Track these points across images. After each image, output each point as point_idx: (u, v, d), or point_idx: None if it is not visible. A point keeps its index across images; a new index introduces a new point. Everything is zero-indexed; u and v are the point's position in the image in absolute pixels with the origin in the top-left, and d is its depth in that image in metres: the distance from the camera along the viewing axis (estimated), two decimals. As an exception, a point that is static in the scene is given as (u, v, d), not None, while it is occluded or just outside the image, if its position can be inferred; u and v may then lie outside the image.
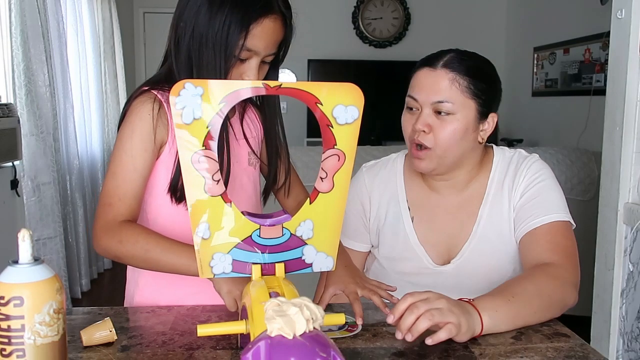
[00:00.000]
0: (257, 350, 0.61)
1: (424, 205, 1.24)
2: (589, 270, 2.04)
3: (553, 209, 1.13)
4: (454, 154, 1.15)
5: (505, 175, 1.20)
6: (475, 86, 1.13)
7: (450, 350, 0.87)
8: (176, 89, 0.71)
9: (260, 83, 0.73)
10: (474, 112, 1.14)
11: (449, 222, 1.22)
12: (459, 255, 1.20)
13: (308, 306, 0.64)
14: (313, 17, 5.37)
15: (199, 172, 0.74)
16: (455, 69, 1.13)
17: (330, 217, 0.80)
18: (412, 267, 1.23)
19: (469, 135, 1.15)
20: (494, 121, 1.18)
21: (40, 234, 2.98)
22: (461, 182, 1.22)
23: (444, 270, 1.21)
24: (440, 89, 1.12)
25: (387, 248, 1.26)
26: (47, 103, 3.04)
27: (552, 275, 1.02)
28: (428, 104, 1.13)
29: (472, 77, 1.13)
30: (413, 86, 1.17)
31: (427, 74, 1.14)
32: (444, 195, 1.24)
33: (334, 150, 0.76)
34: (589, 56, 4.14)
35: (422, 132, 1.14)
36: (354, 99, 0.75)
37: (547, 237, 1.11)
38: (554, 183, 1.18)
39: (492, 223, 1.19)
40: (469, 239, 1.20)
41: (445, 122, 1.12)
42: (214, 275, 0.79)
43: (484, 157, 1.23)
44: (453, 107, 1.12)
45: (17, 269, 0.65)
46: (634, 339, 1.81)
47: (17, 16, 2.76)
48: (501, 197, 1.20)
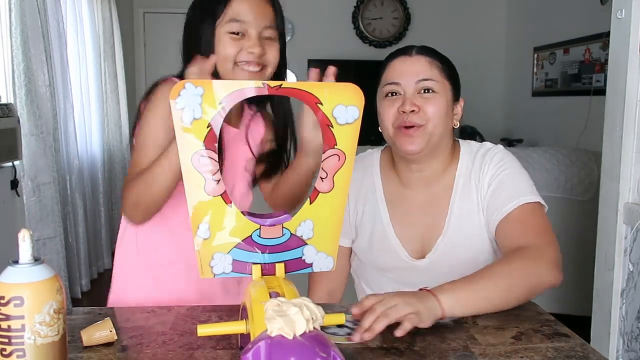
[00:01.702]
0: (257, 350, 0.61)
1: (399, 200, 1.26)
2: (589, 270, 2.05)
3: (520, 193, 1.15)
4: (440, 130, 1.18)
5: (472, 167, 1.22)
6: (448, 70, 1.20)
7: (451, 350, 0.87)
8: (176, 90, 0.71)
9: (261, 83, 0.73)
10: (450, 93, 1.20)
11: (422, 217, 1.24)
12: (434, 250, 1.22)
13: (308, 306, 0.65)
14: (313, 17, 5.38)
15: (200, 172, 0.74)
16: (430, 54, 1.20)
17: (331, 217, 0.80)
18: (389, 260, 1.25)
19: (449, 115, 1.20)
20: (461, 107, 1.24)
21: (40, 234, 2.98)
22: (433, 174, 1.24)
23: (419, 265, 1.22)
24: (421, 70, 1.17)
25: (365, 241, 1.27)
26: (47, 103, 3.04)
27: (525, 256, 1.04)
28: (412, 84, 1.17)
29: (443, 62, 1.20)
30: (391, 74, 1.20)
31: (404, 60, 1.20)
32: (416, 191, 1.25)
33: (334, 150, 0.76)
34: (589, 56, 4.14)
35: (412, 112, 1.16)
36: (354, 99, 0.75)
37: (518, 221, 1.13)
38: (518, 168, 1.20)
39: (463, 216, 1.21)
40: (442, 233, 1.22)
41: (430, 100, 1.17)
42: (214, 275, 0.79)
43: (453, 151, 1.25)
44: (436, 85, 1.17)
45: (17, 269, 0.65)
46: (634, 339, 1.81)
47: (17, 16, 2.76)
48: (469, 190, 1.21)
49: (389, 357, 0.85)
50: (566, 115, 4.40)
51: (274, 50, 1.12)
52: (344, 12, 5.47)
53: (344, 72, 0.97)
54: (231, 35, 1.08)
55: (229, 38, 1.09)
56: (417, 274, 1.22)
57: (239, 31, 1.08)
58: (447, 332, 0.94)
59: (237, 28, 1.08)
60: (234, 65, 1.09)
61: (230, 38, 1.08)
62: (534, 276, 1.02)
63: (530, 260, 1.03)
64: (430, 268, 1.21)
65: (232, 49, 1.08)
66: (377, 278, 1.27)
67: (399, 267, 1.24)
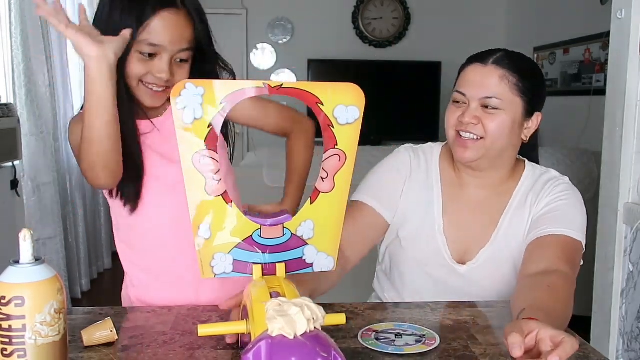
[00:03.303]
0: (258, 350, 0.61)
1: (454, 198, 1.25)
2: (589, 270, 2.04)
3: (569, 226, 1.13)
4: (500, 146, 1.16)
5: (532, 189, 1.21)
6: (524, 84, 1.15)
7: (451, 350, 0.87)
8: (177, 89, 0.71)
9: (262, 83, 0.73)
10: (521, 109, 1.16)
11: (471, 222, 1.23)
12: (475, 260, 1.21)
13: (309, 306, 0.65)
14: (313, 17, 5.37)
15: (200, 172, 0.74)
16: (506, 66, 1.15)
17: (331, 217, 0.80)
18: (428, 254, 1.23)
19: (515, 131, 1.17)
20: (538, 120, 1.20)
21: (40, 234, 2.97)
22: (491, 183, 1.23)
23: (458, 270, 1.21)
24: (489, 85, 1.14)
25: (413, 229, 1.24)
26: (47, 103, 3.04)
27: (573, 283, 1.04)
28: (476, 99, 1.15)
29: (521, 75, 1.15)
30: (462, 82, 1.18)
31: (477, 69, 1.17)
32: (471, 193, 1.24)
33: (335, 150, 0.76)
34: (589, 56, 4.14)
35: (471, 124, 1.15)
36: (355, 99, 0.75)
37: (561, 247, 1.10)
38: (578, 204, 1.18)
39: (511, 232, 1.20)
40: (487, 245, 1.21)
41: (492, 116, 1.14)
42: (215, 275, 0.79)
43: (516, 167, 1.25)
44: (501, 103, 1.14)
45: (18, 269, 0.65)
46: (634, 339, 1.81)
47: (17, 16, 2.76)
48: (524, 208, 1.20)
49: (389, 357, 0.85)
50: (566, 115, 4.40)
51: (184, 73, 1.10)
52: (344, 12, 5.47)
53: (344, 72, 0.97)
54: (141, 56, 1.06)
55: (138, 57, 1.06)
56: (454, 277, 1.21)
57: (150, 53, 1.05)
58: (447, 332, 0.94)
59: (149, 50, 1.05)
60: (139, 82, 1.08)
61: (140, 58, 1.06)
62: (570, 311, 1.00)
63: (572, 288, 1.03)
64: (467, 276, 1.21)
65: (140, 69, 1.06)
66: (411, 269, 1.24)
67: (438, 265, 1.22)
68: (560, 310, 0.94)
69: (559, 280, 1.01)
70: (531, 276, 1.04)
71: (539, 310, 0.87)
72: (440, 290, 1.22)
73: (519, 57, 1.19)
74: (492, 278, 1.20)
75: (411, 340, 0.90)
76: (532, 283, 1.02)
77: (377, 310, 1.04)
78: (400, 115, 5.26)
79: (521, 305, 0.91)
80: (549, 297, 0.95)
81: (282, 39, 5.35)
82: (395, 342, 0.89)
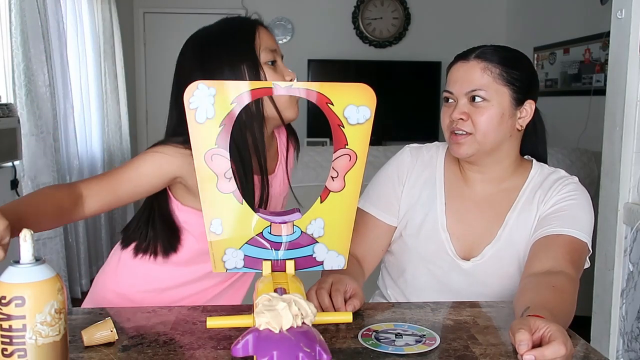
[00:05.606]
0: (246, 342, 0.66)
1: (457, 195, 1.25)
2: (589, 270, 2.04)
3: (576, 226, 1.13)
4: (493, 139, 1.17)
5: (540, 187, 1.21)
6: (508, 73, 1.17)
7: (451, 350, 0.87)
8: (190, 90, 0.73)
9: (271, 84, 0.74)
10: (509, 98, 1.17)
11: (476, 218, 1.23)
12: (480, 256, 1.21)
13: (298, 302, 0.67)
14: (313, 17, 5.38)
15: (212, 170, 0.76)
16: (487, 58, 1.17)
17: (342, 216, 0.80)
18: (433, 251, 1.23)
19: (505, 121, 1.17)
20: (531, 108, 1.20)
21: (40, 234, 2.97)
22: (496, 178, 1.23)
23: (463, 266, 1.21)
24: (473, 79, 1.17)
25: (415, 227, 1.26)
26: (47, 103, 3.04)
27: (577, 284, 1.04)
28: (462, 94, 1.17)
29: (504, 64, 1.17)
30: (448, 81, 1.22)
31: (460, 66, 1.20)
32: (475, 190, 1.25)
33: (345, 150, 0.77)
34: (589, 56, 4.14)
35: (460, 119, 1.17)
36: (366, 99, 0.76)
37: (567, 247, 1.10)
38: (587, 205, 1.18)
39: (517, 230, 1.20)
40: (492, 241, 1.21)
41: (480, 109, 1.16)
42: (227, 270, 0.81)
43: (522, 166, 1.25)
44: (486, 94, 1.16)
45: (18, 269, 0.65)
46: (634, 339, 1.81)
47: (17, 16, 2.76)
48: (530, 208, 1.20)
49: (389, 357, 0.85)
50: (566, 115, 4.40)
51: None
52: (344, 12, 5.47)
53: (344, 72, 0.97)
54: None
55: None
56: (458, 274, 1.21)
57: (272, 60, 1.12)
58: (447, 332, 0.94)
59: (270, 57, 1.12)
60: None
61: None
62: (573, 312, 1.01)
63: (576, 290, 1.03)
64: (471, 273, 1.21)
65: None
66: (416, 266, 1.25)
67: (442, 261, 1.23)
68: (565, 311, 0.94)
69: (564, 281, 1.01)
70: (536, 275, 1.04)
71: (544, 309, 0.88)
72: (443, 288, 1.22)
73: (502, 48, 1.21)
74: (496, 275, 1.20)
75: (411, 340, 0.90)
76: (537, 282, 1.02)
77: (378, 310, 1.04)
78: (400, 115, 5.26)
79: (526, 303, 0.92)
80: (554, 297, 0.96)
81: (282, 39, 5.35)
82: (395, 342, 0.89)
